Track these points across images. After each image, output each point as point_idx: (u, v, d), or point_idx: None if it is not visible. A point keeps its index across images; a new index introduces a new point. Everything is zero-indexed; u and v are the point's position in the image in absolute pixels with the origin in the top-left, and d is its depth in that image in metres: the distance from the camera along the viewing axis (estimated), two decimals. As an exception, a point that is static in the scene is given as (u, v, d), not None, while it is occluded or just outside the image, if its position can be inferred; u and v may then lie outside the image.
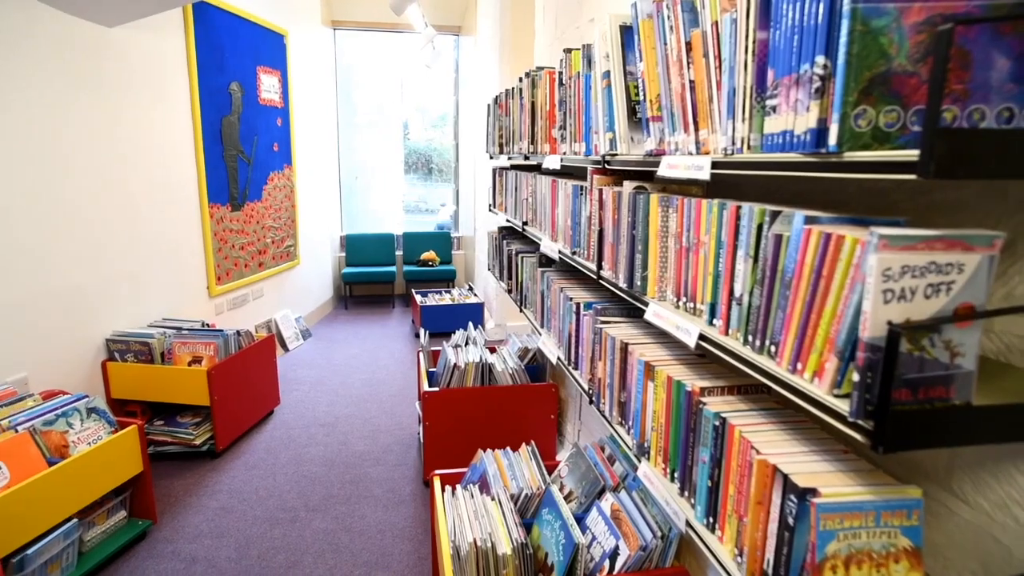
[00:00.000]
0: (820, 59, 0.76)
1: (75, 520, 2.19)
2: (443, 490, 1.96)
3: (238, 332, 3.31)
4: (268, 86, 4.79)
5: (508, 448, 2.13)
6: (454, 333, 3.31)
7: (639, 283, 1.40)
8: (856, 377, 0.72)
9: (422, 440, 2.93)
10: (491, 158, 3.32)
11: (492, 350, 3.16)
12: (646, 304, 1.35)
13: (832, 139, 0.74)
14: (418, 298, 5.58)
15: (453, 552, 1.61)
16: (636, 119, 1.41)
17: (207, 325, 3.39)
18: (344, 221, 7.10)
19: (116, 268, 3.22)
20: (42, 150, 2.76)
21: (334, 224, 6.75)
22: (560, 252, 1.99)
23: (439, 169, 7.52)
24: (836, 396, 0.77)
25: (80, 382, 3.00)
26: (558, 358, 2.03)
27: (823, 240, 0.79)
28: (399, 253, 7.00)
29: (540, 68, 2.19)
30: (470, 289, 5.91)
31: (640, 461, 1.39)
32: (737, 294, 1.00)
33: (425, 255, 6.70)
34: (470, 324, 3.39)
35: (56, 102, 2.82)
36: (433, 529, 2.15)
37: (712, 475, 1.08)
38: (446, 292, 5.84)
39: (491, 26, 4.94)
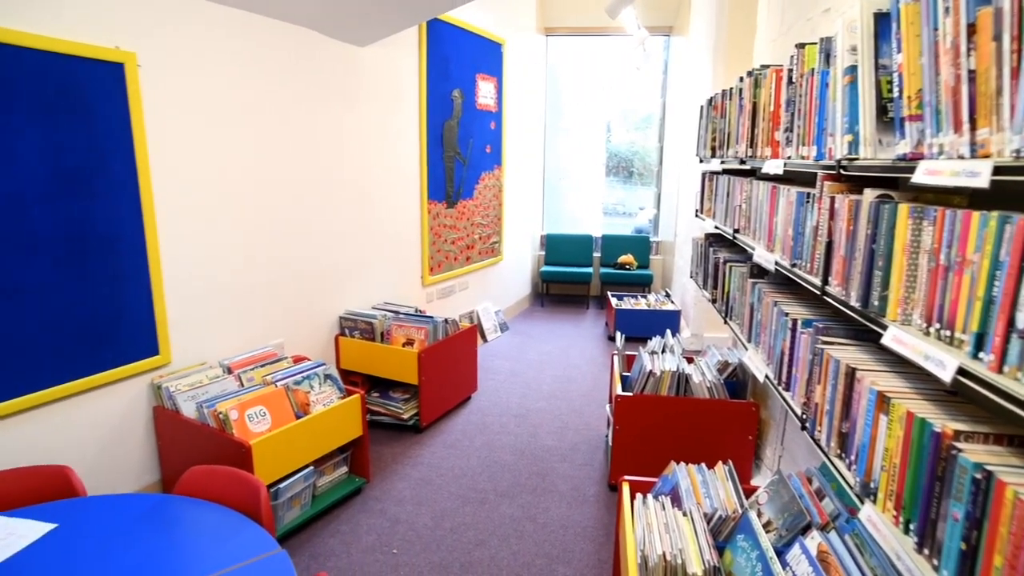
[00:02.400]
0: None
1: (312, 467, 2.58)
2: (632, 496, 1.93)
3: (446, 320, 3.60)
4: (485, 92, 5.13)
5: (703, 464, 2.03)
6: (649, 339, 3.24)
7: (876, 303, 1.24)
8: None
9: (610, 443, 2.92)
10: (701, 162, 3.19)
11: (690, 360, 3.04)
12: (883, 327, 1.19)
13: None
14: (613, 301, 5.57)
15: (640, 561, 1.58)
16: (886, 119, 1.25)
17: (419, 311, 3.74)
18: (545, 221, 7.35)
19: (350, 256, 3.71)
20: (303, 154, 3.28)
21: (536, 223, 7.02)
22: (776, 263, 1.84)
23: (639, 172, 7.42)
24: None
25: (318, 351, 3.51)
26: (766, 376, 1.88)
27: None
28: (596, 255, 7.05)
29: (765, 66, 2.05)
30: (667, 296, 5.74)
31: (863, 502, 1.23)
32: (1021, 325, 0.83)
33: (622, 258, 6.67)
34: (668, 332, 3.30)
35: (316, 112, 3.33)
36: (618, 534, 2.13)
37: (968, 537, 0.91)
38: (641, 297, 5.75)
39: (706, 25, 4.73)
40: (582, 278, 6.61)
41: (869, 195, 1.30)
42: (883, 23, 1.23)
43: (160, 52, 2.49)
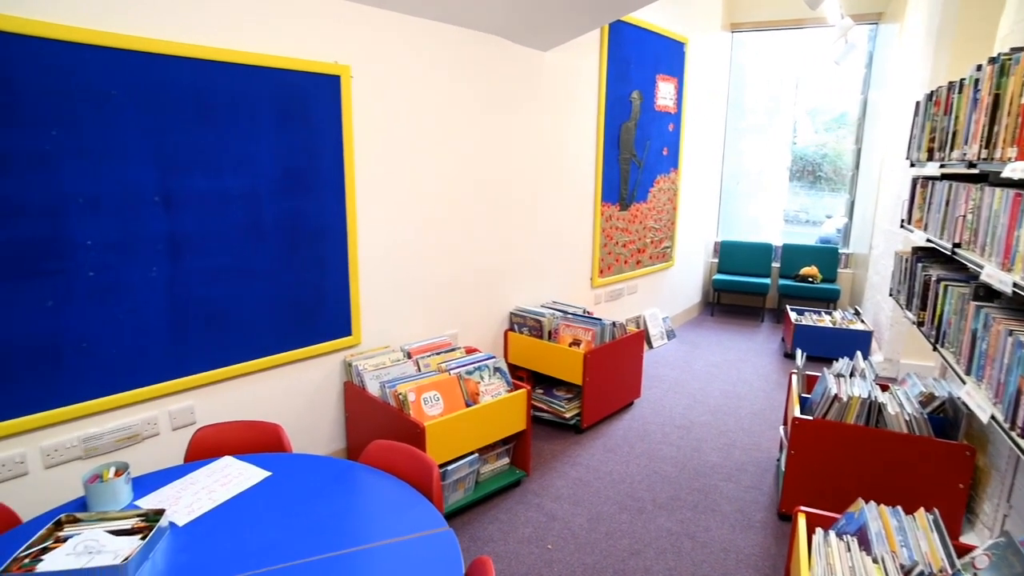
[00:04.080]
0: None
1: (477, 454, 2.71)
2: (809, 530, 1.76)
3: (613, 323, 3.57)
4: (664, 93, 5.00)
5: (898, 507, 1.79)
6: (835, 360, 2.94)
7: None
8: None
9: (783, 468, 2.70)
10: (912, 165, 2.81)
11: (884, 388, 2.70)
12: None
13: None
14: (792, 315, 5.14)
15: (818, 604, 1.44)
16: None
17: (587, 312, 3.75)
18: (720, 227, 6.98)
19: (523, 254, 3.84)
20: (485, 156, 3.46)
21: (710, 229, 6.69)
22: (1015, 285, 1.56)
23: (828, 177, 6.74)
24: None
25: (488, 344, 3.68)
26: (991, 417, 1.61)
27: None
28: (775, 265, 6.55)
29: (1017, 49, 1.74)
30: (856, 314, 5.16)
31: None
32: None
33: (805, 270, 6.12)
34: (858, 354, 2.96)
35: (499, 114, 3.49)
36: (788, 568, 1.96)
37: None
38: (825, 313, 5.23)
39: (928, 8, 4.15)
40: (758, 289, 6.18)
41: None
42: None
43: (366, 63, 2.78)
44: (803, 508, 1.88)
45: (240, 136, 2.39)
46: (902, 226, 3.01)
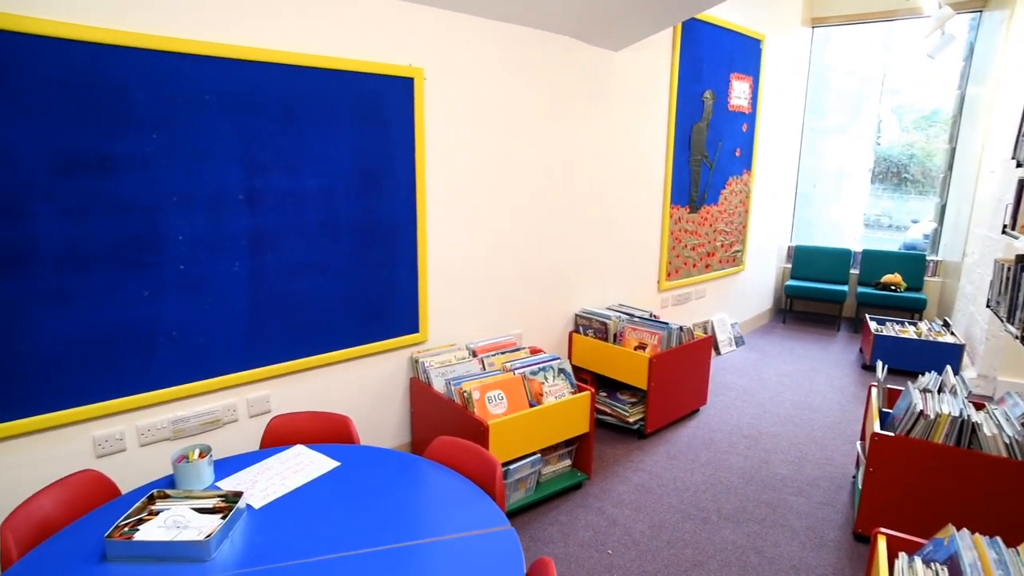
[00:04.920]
0: None
1: (539, 455, 2.71)
2: (890, 554, 1.66)
3: (680, 327, 3.49)
4: (739, 92, 4.85)
5: (996, 538, 1.66)
6: (921, 374, 2.76)
7: None
8: None
9: (859, 486, 2.56)
10: (1018, 166, 2.61)
11: (978, 406, 2.52)
12: None
13: None
14: (872, 325, 4.87)
15: (899, 632, 1.36)
16: None
17: (654, 316, 3.69)
18: (795, 231, 6.69)
19: (590, 255, 3.81)
20: (553, 156, 3.46)
21: (783, 233, 6.43)
22: None
23: (914, 179, 6.33)
24: None
25: (552, 345, 3.67)
26: (1103, 443, 1.47)
27: None
28: (854, 272, 6.22)
29: None
30: (945, 325, 4.83)
31: None
32: None
33: (887, 277, 5.78)
34: (948, 369, 2.77)
35: (567, 115, 3.48)
36: (867, 593, 1.86)
37: None
38: (910, 324, 4.93)
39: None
40: (834, 296, 5.88)
41: None
42: None
43: (439, 65, 2.83)
44: (883, 530, 1.77)
45: (318, 137, 2.49)
46: (1004, 232, 2.80)
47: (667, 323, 3.46)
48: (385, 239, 2.77)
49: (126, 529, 1.39)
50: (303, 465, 1.78)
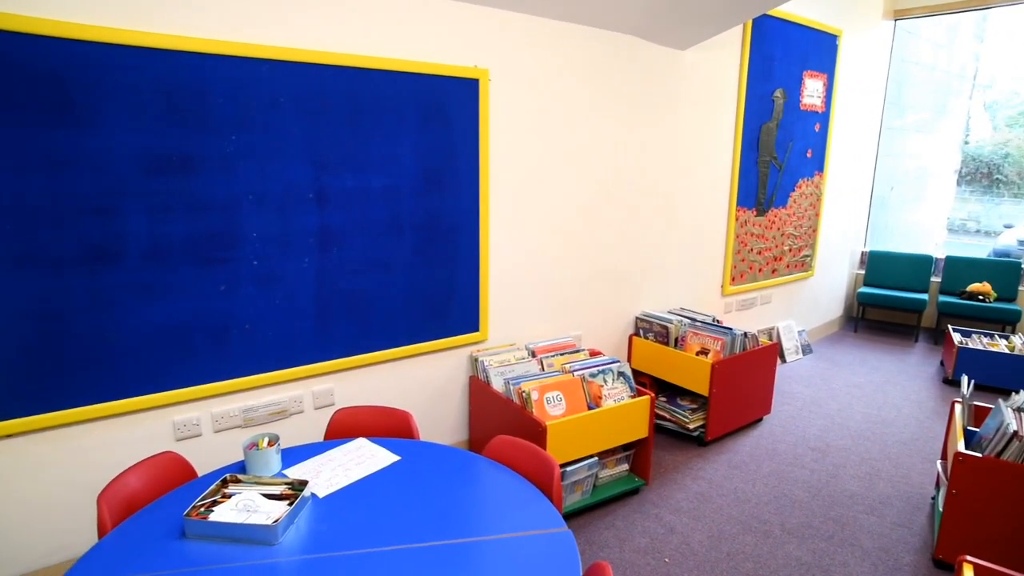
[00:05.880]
0: None
1: (596, 458, 2.68)
2: (973, 582, 1.56)
3: (744, 333, 3.39)
4: (811, 90, 4.66)
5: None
6: (1014, 392, 2.57)
7: None
8: None
9: (940, 508, 2.41)
10: None
11: (1076, 428, 2.32)
12: None
13: None
14: (956, 337, 4.57)
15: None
16: None
17: (717, 321, 3.59)
18: (869, 235, 6.37)
19: (651, 258, 3.74)
20: (614, 158, 3.41)
21: (857, 238, 6.13)
22: None
23: (1008, 180, 5.89)
24: None
25: (612, 347, 3.63)
26: None
27: None
28: (935, 279, 5.86)
29: None
30: (1039, 339, 4.49)
31: None
32: None
33: (974, 286, 5.41)
34: (1041, 385, 2.57)
35: (631, 116, 3.43)
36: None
37: None
38: (1000, 336, 4.60)
39: None
40: (912, 305, 5.55)
41: None
42: None
43: (502, 66, 2.85)
44: (969, 558, 1.66)
45: (385, 137, 2.55)
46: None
47: (730, 328, 3.36)
48: (447, 238, 2.81)
49: (202, 509, 1.47)
50: (365, 458, 1.83)
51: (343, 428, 2.11)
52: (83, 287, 2.02)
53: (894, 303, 5.63)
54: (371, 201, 2.57)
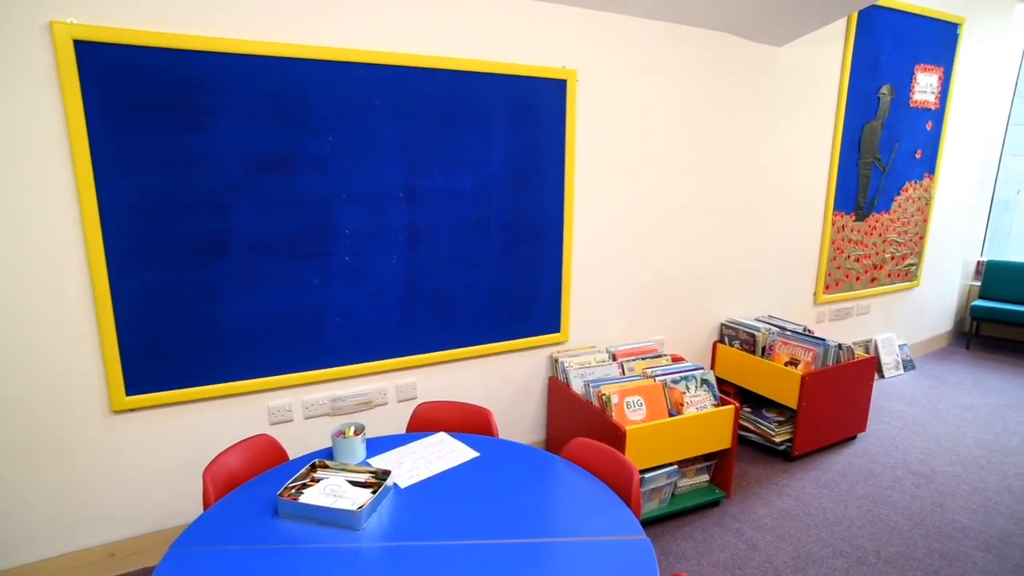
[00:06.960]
0: None
1: (676, 466, 2.62)
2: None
3: (839, 345, 3.19)
4: (924, 86, 4.32)
5: None
6: None
7: None
8: None
9: (1064, 548, 2.18)
10: None
11: None
12: None
13: None
14: (1088, 358, 4.11)
15: None
16: None
17: (808, 331, 3.41)
18: (987, 243, 5.82)
19: (739, 263, 3.60)
20: (704, 160, 3.31)
21: (973, 246, 5.62)
22: None
23: None
24: None
25: (695, 354, 3.53)
26: None
27: None
28: (1064, 293, 5.29)
29: None
30: None
31: None
32: None
33: (1111, 302, 4.85)
34: None
35: (723, 117, 3.31)
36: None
37: None
38: None
39: None
40: (1037, 321, 5.04)
41: None
42: None
43: (590, 66, 2.83)
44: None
45: (474, 138, 2.60)
46: None
47: (823, 339, 3.18)
48: (532, 238, 2.82)
49: (293, 491, 1.56)
50: (445, 452, 1.87)
51: (425, 422, 2.17)
52: (196, 278, 2.19)
53: (1015, 318, 5.12)
54: (459, 201, 2.63)
